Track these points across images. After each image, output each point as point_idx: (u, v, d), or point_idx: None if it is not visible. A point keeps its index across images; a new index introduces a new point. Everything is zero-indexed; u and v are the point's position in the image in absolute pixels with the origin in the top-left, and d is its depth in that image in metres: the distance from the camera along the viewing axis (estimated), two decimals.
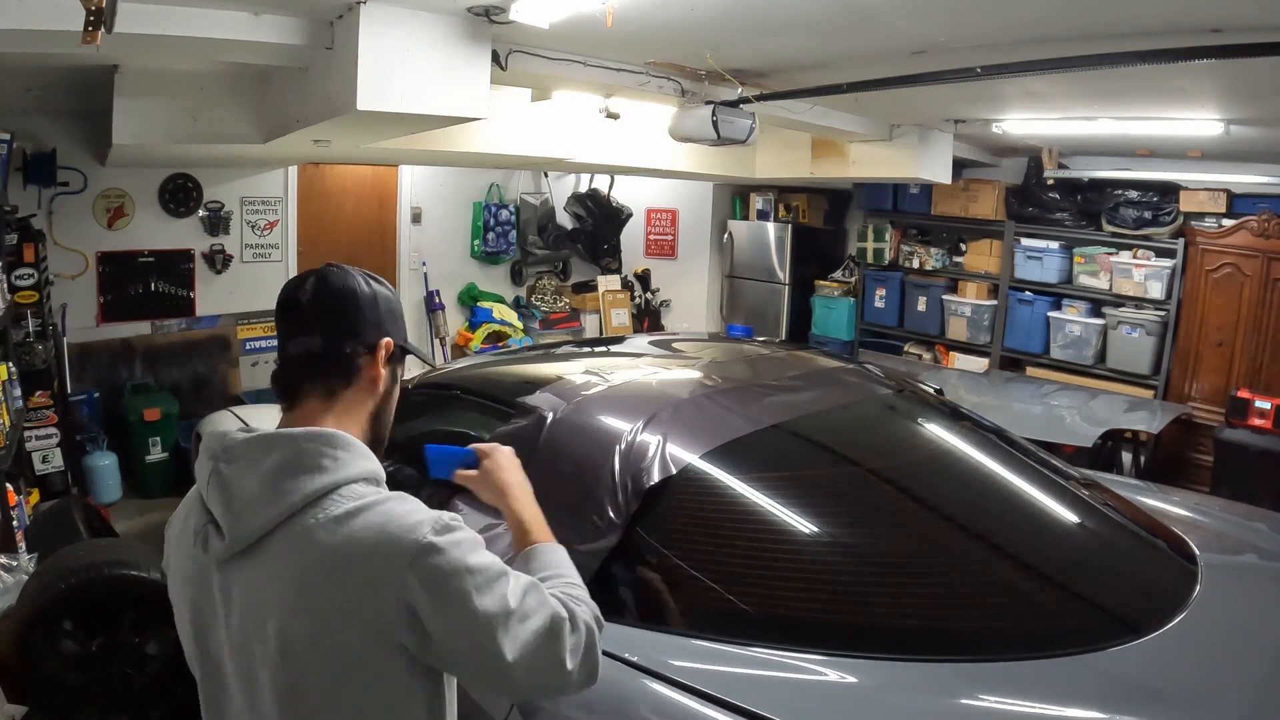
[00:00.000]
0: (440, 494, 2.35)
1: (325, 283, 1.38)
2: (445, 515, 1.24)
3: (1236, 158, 5.73)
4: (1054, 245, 6.84)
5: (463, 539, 1.22)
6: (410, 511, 1.22)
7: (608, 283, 8.72)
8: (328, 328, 1.36)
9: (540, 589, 1.28)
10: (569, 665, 1.25)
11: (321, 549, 1.18)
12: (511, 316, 8.08)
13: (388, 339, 1.40)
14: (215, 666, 1.32)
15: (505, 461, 1.61)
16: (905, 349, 7.94)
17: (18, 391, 4.16)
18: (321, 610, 1.18)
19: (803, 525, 2.13)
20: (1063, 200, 6.80)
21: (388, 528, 1.19)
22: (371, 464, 1.30)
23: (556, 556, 1.47)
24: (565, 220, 8.57)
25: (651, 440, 2.14)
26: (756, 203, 8.58)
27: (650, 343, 3.61)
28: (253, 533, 1.21)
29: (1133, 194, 6.43)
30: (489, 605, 1.19)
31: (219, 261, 6.52)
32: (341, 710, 1.22)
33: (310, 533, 1.19)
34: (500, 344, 7.70)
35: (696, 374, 2.73)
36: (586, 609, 1.34)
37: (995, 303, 7.25)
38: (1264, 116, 4.32)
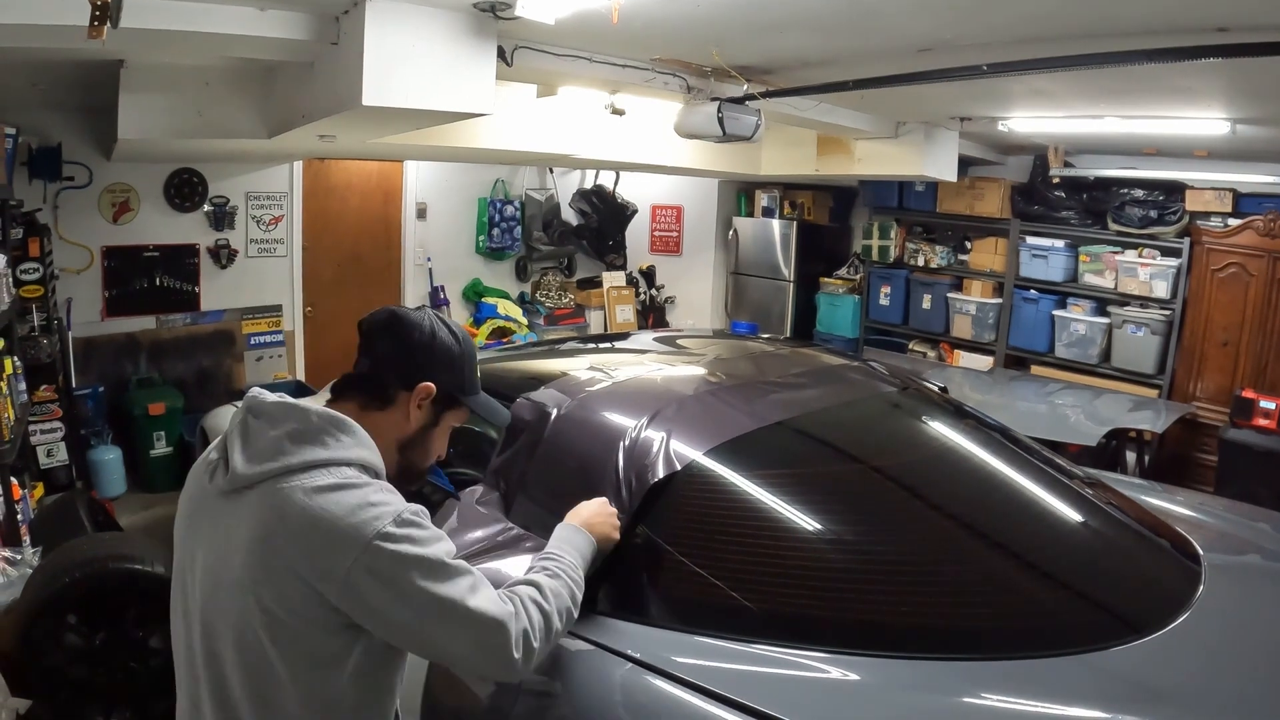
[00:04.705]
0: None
1: (393, 316, 1.56)
2: (409, 510, 1.38)
3: (1243, 157, 5.71)
4: (1059, 244, 6.83)
5: (419, 534, 1.36)
6: (382, 501, 1.36)
7: (612, 279, 8.72)
8: (378, 357, 1.54)
9: (489, 588, 1.42)
10: (514, 655, 1.40)
11: (292, 510, 1.32)
12: (516, 312, 8.09)
13: (428, 384, 1.54)
14: (184, 588, 1.47)
15: (583, 506, 1.90)
16: (910, 347, 7.93)
17: (23, 386, 4.17)
18: (273, 558, 1.32)
19: (806, 523, 2.12)
20: (1068, 199, 6.79)
21: (356, 510, 1.32)
22: (369, 455, 1.44)
23: (564, 535, 1.75)
24: (570, 216, 8.57)
25: (656, 436, 2.14)
26: (762, 199, 8.57)
27: (655, 339, 3.60)
28: (249, 478, 1.36)
29: (1138, 193, 6.41)
30: (433, 591, 1.34)
31: (224, 256, 6.54)
32: (280, 649, 1.35)
33: (290, 492, 1.33)
34: (505, 340, 7.70)
35: (701, 371, 2.72)
36: (539, 608, 1.49)
37: (1000, 301, 7.24)
38: (1270, 116, 4.31)
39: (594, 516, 1.85)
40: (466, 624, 1.37)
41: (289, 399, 1.46)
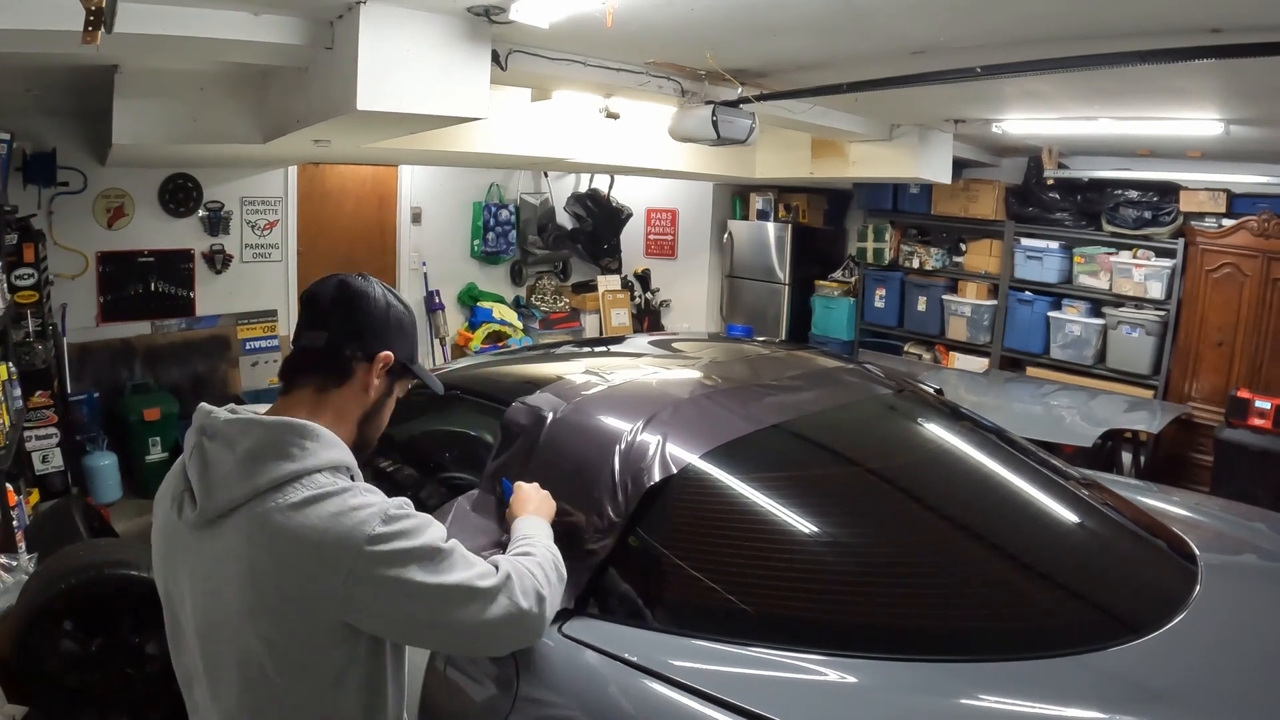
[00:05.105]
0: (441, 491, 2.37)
1: (345, 287, 1.50)
2: (392, 505, 1.34)
3: (1236, 158, 5.73)
4: (1054, 245, 6.85)
5: (406, 525, 1.33)
6: (362, 504, 1.31)
7: (608, 283, 8.73)
8: (335, 328, 1.47)
9: (480, 563, 1.43)
10: (524, 604, 1.43)
11: (274, 533, 1.28)
12: (511, 316, 8.09)
13: (387, 352, 1.50)
14: (176, 620, 1.45)
15: (523, 490, 1.94)
16: (905, 349, 7.94)
17: (18, 391, 4.16)
18: (266, 588, 1.28)
19: (802, 525, 2.13)
20: (1063, 200, 6.80)
21: (337, 519, 1.28)
22: (338, 454, 1.39)
23: (528, 525, 1.75)
24: (565, 220, 8.57)
25: (651, 440, 2.14)
26: (756, 202, 8.58)
27: (650, 343, 3.60)
28: (220, 507, 1.31)
29: (1133, 194, 6.43)
30: (436, 580, 1.33)
31: (219, 261, 6.53)
32: (285, 677, 1.32)
33: (268, 516, 1.28)
34: (500, 344, 7.70)
35: (696, 374, 2.72)
36: (529, 559, 1.55)
37: (995, 303, 7.25)
38: (1264, 116, 4.32)
39: (541, 502, 1.91)
40: (473, 599, 1.37)
41: (241, 412, 1.40)
